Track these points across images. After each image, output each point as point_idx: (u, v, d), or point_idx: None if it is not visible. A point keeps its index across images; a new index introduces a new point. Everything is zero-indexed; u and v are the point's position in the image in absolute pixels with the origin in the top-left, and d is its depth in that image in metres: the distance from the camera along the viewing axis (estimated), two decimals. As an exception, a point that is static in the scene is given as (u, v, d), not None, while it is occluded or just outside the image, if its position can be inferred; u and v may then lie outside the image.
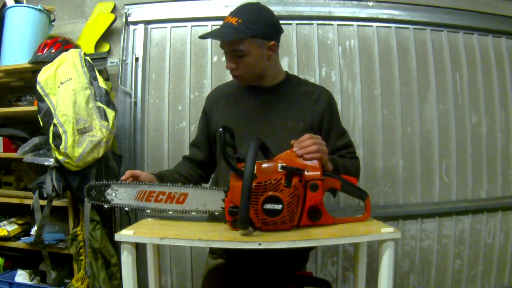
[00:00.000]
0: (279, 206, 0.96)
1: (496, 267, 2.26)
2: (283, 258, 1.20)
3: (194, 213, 1.07)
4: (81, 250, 1.79)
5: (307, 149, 1.03)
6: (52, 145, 1.67)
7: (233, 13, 1.20)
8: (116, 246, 1.78)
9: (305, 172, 0.99)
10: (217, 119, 1.31)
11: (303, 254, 1.33)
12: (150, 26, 2.20)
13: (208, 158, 1.38)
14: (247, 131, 1.22)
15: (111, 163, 1.87)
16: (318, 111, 1.26)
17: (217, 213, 1.06)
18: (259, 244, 0.89)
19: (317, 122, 1.26)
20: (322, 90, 1.32)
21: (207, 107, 1.38)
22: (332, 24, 2.19)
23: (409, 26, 2.23)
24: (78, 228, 1.80)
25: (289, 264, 1.25)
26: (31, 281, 1.93)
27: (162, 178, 1.22)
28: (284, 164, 0.98)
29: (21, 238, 1.98)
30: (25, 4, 2.05)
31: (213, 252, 1.35)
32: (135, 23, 2.17)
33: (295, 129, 1.22)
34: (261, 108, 1.27)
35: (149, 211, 1.13)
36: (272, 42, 1.21)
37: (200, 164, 1.39)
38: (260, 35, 1.17)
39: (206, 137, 1.37)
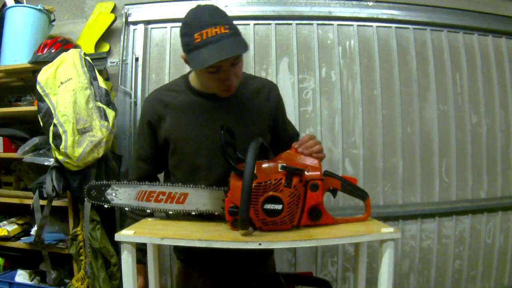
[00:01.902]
0: (279, 206, 0.96)
1: (496, 267, 2.26)
2: (248, 254, 1.17)
3: (194, 213, 1.08)
4: (81, 250, 1.79)
5: (313, 149, 1.05)
6: (52, 145, 1.67)
7: (218, 21, 1.05)
8: (116, 246, 1.78)
9: (305, 172, 0.99)
10: (168, 127, 1.21)
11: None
12: (150, 26, 2.20)
13: (158, 171, 1.32)
14: (207, 141, 1.18)
15: (111, 163, 1.87)
16: (271, 108, 1.28)
17: (217, 213, 1.06)
18: (259, 244, 0.89)
19: (271, 119, 1.28)
20: (271, 86, 1.31)
21: (150, 116, 1.24)
22: (332, 24, 2.19)
23: (409, 26, 2.23)
24: (78, 228, 1.80)
25: (254, 259, 1.26)
26: (31, 281, 1.93)
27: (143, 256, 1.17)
28: (284, 164, 0.98)
29: (21, 238, 1.98)
30: (25, 4, 2.04)
31: (182, 260, 1.33)
32: (135, 23, 2.17)
33: (259, 135, 1.17)
34: (219, 114, 1.20)
35: (149, 211, 1.13)
36: None
37: (152, 180, 1.24)
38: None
39: (155, 148, 1.27)
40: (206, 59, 1.02)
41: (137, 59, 2.15)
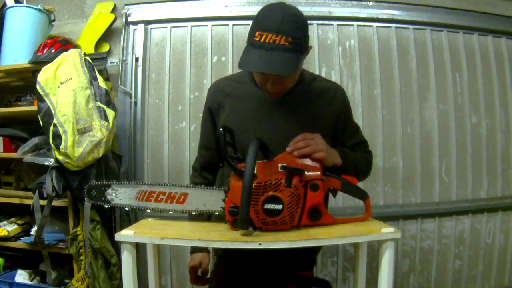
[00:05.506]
0: (279, 206, 0.96)
1: (496, 267, 2.26)
2: (290, 261, 1.19)
3: (194, 213, 1.07)
4: (81, 250, 1.79)
5: (303, 151, 1.02)
6: (52, 145, 1.67)
7: (284, 31, 0.99)
8: (116, 246, 1.78)
9: (306, 172, 0.99)
10: (226, 116, 1.20)
11: (309, 257, 1.30)
12: (150, 26, 2.20)
13: (220, 160, 1.31)
14: (262, 134, 1.11)
15: (111, 163, 1.87)
16: (333, 113, 1.21)
17: (217, 213, 1.06)
18: (259, 244, 0.88)
19: (331, 124, 1.21)
20: (336, 89, 1.26)
21: (211, 104, 1.24)
22: (332, 24, 2.19)
23: (409, 26, 2.23)
24: (78, 228, 1.80)
25: (296, 268, 1.24)
26: (31, 281, 1.93)
27: None
28: (285, 164, 0.98)
29: (21, 238, 1.98)
30: (25, 4, 2.04)
31: (218, 256, 1.33)
32: (135, 23, 2.18)
33: None
34: (278, 110, 1.17)
35: (149, 211, 1.13)
36: (310, 46, 1.11)
37: (215, 168, 1.32)
38: (307, 50, 1.08)
39: (215, 136, 1.26)
40: (249, 63, 1.01)
41: (137, 59, 2.16)
